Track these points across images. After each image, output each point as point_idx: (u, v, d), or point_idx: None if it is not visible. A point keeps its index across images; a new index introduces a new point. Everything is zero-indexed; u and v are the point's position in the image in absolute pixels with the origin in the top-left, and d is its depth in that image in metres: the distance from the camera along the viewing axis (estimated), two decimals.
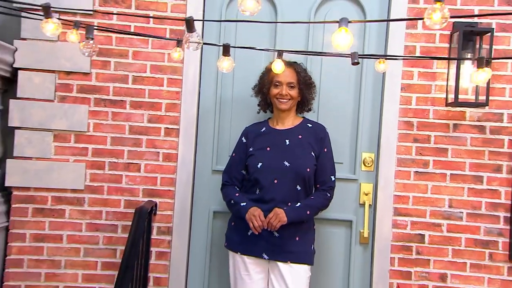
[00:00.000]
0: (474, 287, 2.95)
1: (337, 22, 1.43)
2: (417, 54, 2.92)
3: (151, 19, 2.90)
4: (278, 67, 2.13)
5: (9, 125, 2.87)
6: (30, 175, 2.86)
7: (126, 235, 2.66)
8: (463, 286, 2.94)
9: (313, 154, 2.54)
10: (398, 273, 2.97)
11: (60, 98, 2.89)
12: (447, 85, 2.92)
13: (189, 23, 1.58)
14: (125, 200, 2.97)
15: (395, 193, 3.00)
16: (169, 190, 2.98)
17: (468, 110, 2.95)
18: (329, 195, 2.54)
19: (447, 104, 2.94)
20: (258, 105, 2.71)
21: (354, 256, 3.08)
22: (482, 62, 1.86)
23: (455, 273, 2.95)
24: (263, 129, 2.64)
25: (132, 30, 2.87)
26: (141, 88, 2.95)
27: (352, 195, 3.08)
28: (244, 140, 2.64)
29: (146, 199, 2.93)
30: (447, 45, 2.88)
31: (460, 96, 2.82)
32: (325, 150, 2.58)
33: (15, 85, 2.86)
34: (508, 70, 2.89)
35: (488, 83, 2.77)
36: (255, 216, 2.40)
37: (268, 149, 2.56)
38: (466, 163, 2.97)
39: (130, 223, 2.68)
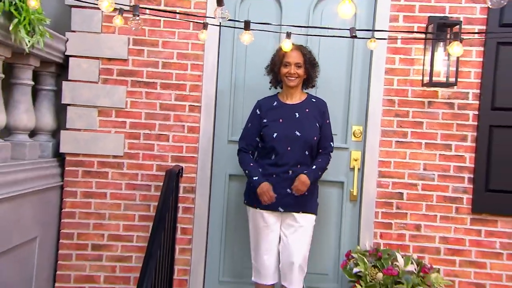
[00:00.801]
0: (443, 235, 3.31)
1: None
2: (398, 43, 3.25)
3: (177, 14, 3.17)
4: (287, 45, 2.49)
5: (62, 102, 3.22)
6: (79, 143, 3.22)
7: (158, 194, 3.08)
8: (434, 234, 3.31)
9: (318, 125, 2.82)
10: (381, 224, 3.35)
11: (103, 80, 3.24)
12: (423, 69, 3.27)
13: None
14: (156, 164, 3.32)
15: (379, 159, 3.37)
16: (193, 156, 3.34)
17: (440, 90, 3.30)
18: (330, 157, 2.89)
19: (423, 85, 3.30)
20: (270, 82, 2.95)
21: (345, 211, 3.43)
22: (458, 37, 2.40)
23: (427, 224, 3.32)
24: (274, 103, 2.89)
25: (161, 24, 3.21)
26: (169, 72, 3.29)
27: (344, 161, 3.42)
28: (258, 112, 2.88)
29: (173, 164, 3.29)
30: (423, 35, 3.21)
31: (434, 78, 3.18)
32: (327, 121, 2.89)
33: (66, 70, 3.20)
34: (473, 57, 3.24)
35: (457, 67, 3.15)
36: (264, 192, 2.70)
37: (281, 121, 2.81)
38: (438, 133, 3.33)
39: (161, 183, 3.10)
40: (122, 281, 3.30)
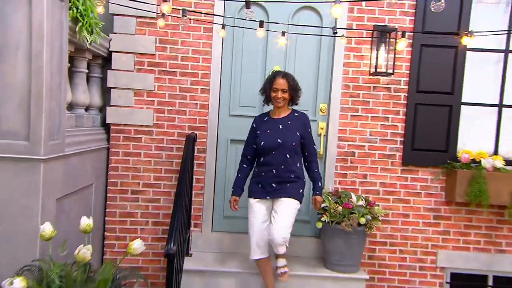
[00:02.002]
0: (382, 181, 3.64)
1: (333, 1, 2.08)
2: (353, 44, 3.51)
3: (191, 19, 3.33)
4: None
5: (107, 86, 3.44)
6: (120, 116, 3.45)
7: (179, 153, 3.45)
8: (375, 181, 3.63)
9: (298, 134, 2.89)
10: (339, 174, 3.64)
11: (137, 69, 3.45)
12: (370, 63, 3.52)
13: (247, 3, 2.25)
14: (177, 132, 3.53)
15: (338, 128, 3.62)
16: (204, 126, 3.55)
17: (381, 78, 3.58)
18: (318, 160, 3.04)
19: (369, 74, 3.56)
20: (263, 100, 3.03)
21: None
22: (404, 35, 2.85)
23: (371, 173, 3.64)
24: (265, 118, 3.00)
25: (180, 28, 3.41)
26: (185, 64, 3.49)
27: (313, 130, 3.42)
28: (254, 126, 3.00)
29: (190, 132, 3.50)
30: (370, 38, 3.47)
31: (377, 70, 3.45)
32: (309, 130, 2.98)
33: (109, 62, 3.43)
34: (404, 54, 3.53)
35: (393, 62, 3.42)
36: (230, 202, 3.00)
37: (268, 131, 2.91)
38: (379, 109, 3.61)
39: (180, 146, 3.46)
40: (152, 216, 3.53)
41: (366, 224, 3.18)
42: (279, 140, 2.84)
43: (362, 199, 3.32)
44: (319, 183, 2.98)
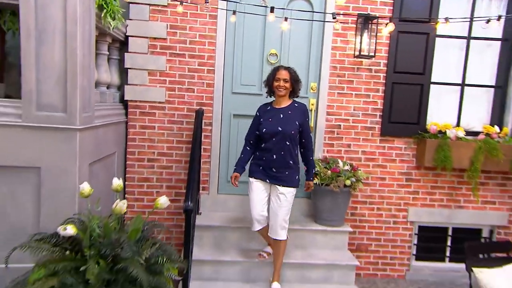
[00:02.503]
0: (363, 150, 3.78)
1: None
2: (340, 30, 3.56)
3: (198, 7, 3.47)
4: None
5: (124, 67, 3.51)
6: (136, 94, 3.54)
7: (188, 126, 3.57)
8: (358, 149, 3.77)
9: (297, 123, 2.87)
10: (327, 144, 3.76)
11: (150, 52, 3.51)
12: (354, 46, 3.60)
13: None
14: (186, 107, 3.62)
15: (327, 103, 3.73)
16: (210, 102, 3.63)
17: (364, 60, 3.69)
18: (312, 148, 3.14)
19: (354, 57, 3.65)
20: (266, 92, 3.03)
21: None
22: (391, 20, 2.98)
23: (354, 143, 3.77)
24: (268, 108, 2.98)
25: (188, 15, 3.49)
26: (193, 47, 3.56)
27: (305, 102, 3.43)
28: (258, 114, 3.00)
29: (198, 107, 3.57)
30: (354, 25, 3.56)
31: (361, 53, 3.54)
32: (307, 119, 2.96)
33: (126, 45, 3.49)
34: (383, 40, 3.62)
35: (375, 46, 3.52)
36: (232, 178, 3.01)
37: (270, 120, 2.89)
38: (362, 88, 3.73)
39: (190, 120, 3.57)
40: (166, 181, 3.65)
41: (351, 186, 3.37)
42: (279, 128, 2.84)
43: (347, 165, 3.48)
44: (313, 170, 3.06)
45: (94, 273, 2.09)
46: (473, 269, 2.55)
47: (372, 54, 3.59)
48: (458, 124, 3.95)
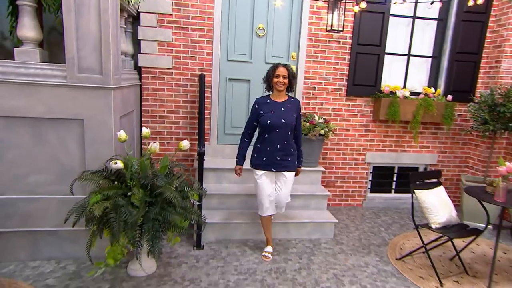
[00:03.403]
0: (332, 107, 4.05)
1: None
2: (314, 8, 3.77)
3: None
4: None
5: (137, 38, 3.61)
6: (148, 61, 3.67)
7: (192, 89, 3.72)
8: (328, 107, 4.05)
9: (294, 116, 2.83)
10: (304, 103, 3.99)
11: (159, 25, 3.62)
12: (326, 22, 3.84)
13: None
14: (190, 73, 3.75)
15: (304, 70, 3.87)
16: (209, 68, 3.78)
17: (334, 34, 3.91)
18: (301, 137, 2.99)
19: (326, 31, 3.88)
20: (265, 87, 2.90)
21: None
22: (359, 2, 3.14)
23: (325, 102, 4.04)
24: (268, 101, 2.85)
25: None
26: (195, 21, 3.68)
27: None
28: (257, 106, 2.85)
29: (200, 73, 3.75)
30: (327, 4, 3.77)
31: (332, 28, 3.79)
32: (300, 113, 2.92)
33: (138, 20, 3.58)
34: (349, 17, 3.85)
35: (343, 22, 3.76)
36: (236, 170, 2.95)
37: (272, 112, 2.78)
38: (332, 56, 3.96)
39: (193, 83, 3.70)
40: (175, 134, 3.85)
41: (324, 135, 3.69)
42: (283, 120, 2.77)
43: (321, 119, 3.79)
44: (301, 158, 3.01)
45: (138, 197, 2.40)
46: (415, 190, 3.03)
47: (341, 29, 3.83)
48: (404, 86, 4.32)
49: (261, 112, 2.82)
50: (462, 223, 3.05)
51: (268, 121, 2.77)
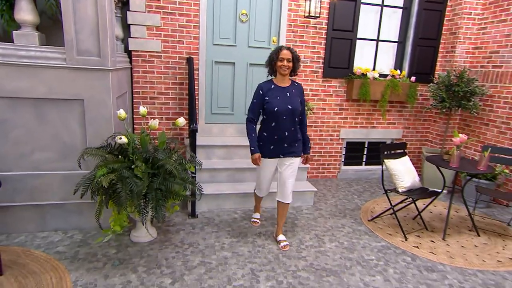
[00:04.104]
0: (310, 88, 4.23)
1: None
2: None
3: None
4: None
5: (127, 23, 3.62)
6: (137, 45, 3.69)
7: (180, 71, 3.78)
8: (307, 87, 4.19)
9: (299, 101, 2.66)
10: None
11: (147, 10, 3.64)
12: (305, 9, 3.96)
13: None
14: (178, 56, 3.81)
15: None
16: (196, 52, 3.84)
17: (311, 20, 4.05)
18: (306, 121, 2.81)
19: (304, 17, 4.02)
20: (268, 72, 2.69)
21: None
22: None
23: (305, 83, 4.17)
24: (272, 86, 2.63)
25: None
26: (182, 7, 3.72)
27: (267, 54, 3.43)
28: (261, 92, 2.63)
29: (187, 56, 3.79)
30: None
31: (310, 14, 3.92)
32: (304, 97, 2.73)
33: (127, 5, 3.59)
34: (325, 4, 4.00)
35: (320, 9, 3.90)
36: (255, 160, 2.66)
37: (278, 98, 2.58)
38: (310, 41, 4.11)
39: (181, 66, 3.76)
40: (165, 114, 3.91)
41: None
42: (289, 106, 2.60)
43: None
44: (309, 144, 2.87)
45: (141, 169, 2.56)
46: (384, 160, 3.36)
47: (318, 15, 3.99)
48: (374, 68, 4.58)
49: (266, 98, 2.61)
50: (423, 187, 3.42)
51: (276, 108, 2.58)
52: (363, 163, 4.95)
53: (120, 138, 2.50)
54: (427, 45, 4.60)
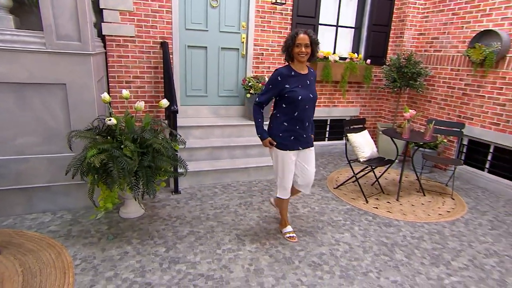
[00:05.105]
0: None
1: None
2: None
3: None
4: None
5: (99, 7, 3.52)
6: (111, 29, 3.63)
7: (154, 55, 3.78)
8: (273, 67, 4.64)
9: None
10: (255, 67, 4.29)
11: None
12: None
13: None
14: (152, 41, 3.80)
15: (254, 37, 4.17)
16: (169, 36, 3.84)
17: (277, 6, 4.18)
18: None
19: (271, 3, 4.14)
20: (285, 58, 2.40)
21: (240, 61, 4.26)
22: None
23: (273, 66, 4.32)
24: (292, 73, 2.34)
25: None
26: None
27: (238, 39, 4.16)
28: (279, 79, 2.32)
29: (161, 41, 3.78)
30: None
31: (276, 1, 4.02)
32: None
33: None
34: None
35: None
36: (266, 143, 2.46)
37: (300, 86, 2.32)
38: (276, 26, 4.24)
39: (155, 50, 3.76)
40: (141, 98, 3.89)
41: None
42: (311, 95, 2.37)
43: None
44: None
45: (131, 148, 2.63)
46: (347, 134, 3.68)
47: (284, 1, 4.13)
48: (334, 52, 4.85)
49: (287, 86, 2.32)
50: (380, 156, 3.80)
51: (300, 97, 2.31)
52: (326, 138, 5.29)
53: (110, 120, 2.54)
54: (380, 31, 4.94)
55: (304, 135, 2.44)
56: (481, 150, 4.21)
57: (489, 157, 4.12)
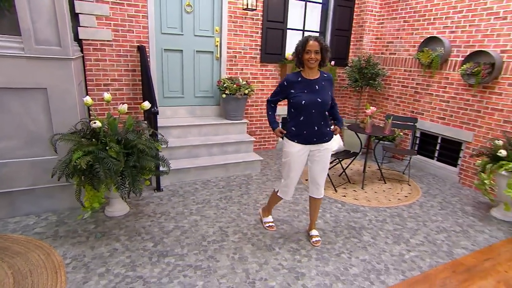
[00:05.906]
0: (250, 71, 4.45)
1: None
2: None
3: None
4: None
5: (74, 11, 3.41)
6: (88, 34, 3.53)
7: (131, 59, 3.73)
8: (248, 71, 4.41)
9: (329, 93, 2.34)
10: (229, 69, 4.32)
11: (96, 0, 3.47)
12: (243, 2, 4.12)
13: None
14: (129, 45, 3.73)
15: (227, 41, 4.20)
16: (146, 40, 3.79)
17: (249, 12, 4.24)
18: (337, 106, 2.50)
19: (243, 9, 4.19)
20: (295, 64, 2.34)
21: (214, 64, 4.27)
22: None
23: (245, 67, 4.41)
24: (299, 79, 2.31)
25: None
26: None
27: (212, 42, 4.17)
28: (285, 84, 2.33)
29: (138, 44, 3.74)
30: None
31: (248, 7, 4.09)
32: (333, 88, 2.41)
33: None
34: None
35: (256, 2, 4.08)
36: (278, 133, 2.43)
37: (306, 91, 2.27)
38: (248, 30, 4.31)
39: (133, 53, 3.71)
40: (120, 100, 3.81)
41: (247, 94, 4.14)
42: (318, 100, 2.27)
43: (244, 81, 4.21)
44: (342, 121, 2.54)
45: (116, 150, 2.62)
46: None
47: (254, 8, 4.20)
48: None
49: (292, 91, 2.31)
50: (346, 150, 4.02)
51: (303, 101, 2.26)
52: None
53: (95, 123, 2.51)
54: (342, 35, 5.18)
55: (315, 138, 2.35)
56: (431, 141, 4.56)
57: (437, 147, 4.48)
